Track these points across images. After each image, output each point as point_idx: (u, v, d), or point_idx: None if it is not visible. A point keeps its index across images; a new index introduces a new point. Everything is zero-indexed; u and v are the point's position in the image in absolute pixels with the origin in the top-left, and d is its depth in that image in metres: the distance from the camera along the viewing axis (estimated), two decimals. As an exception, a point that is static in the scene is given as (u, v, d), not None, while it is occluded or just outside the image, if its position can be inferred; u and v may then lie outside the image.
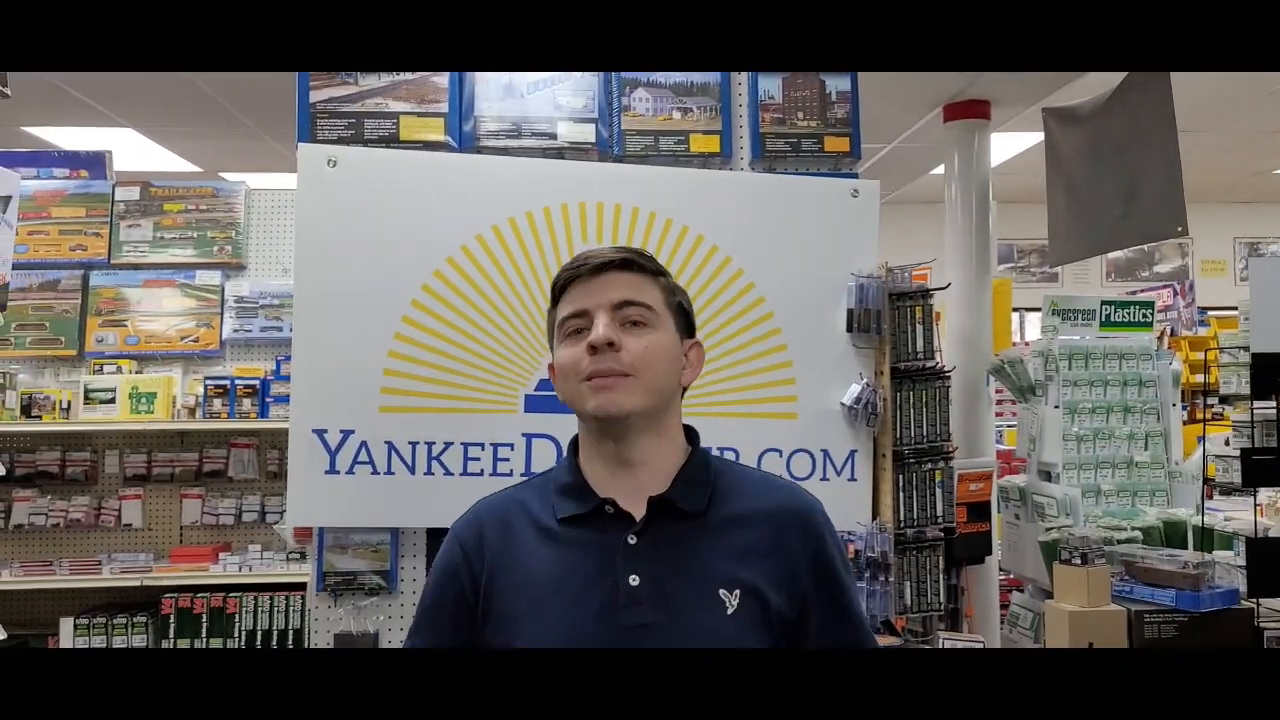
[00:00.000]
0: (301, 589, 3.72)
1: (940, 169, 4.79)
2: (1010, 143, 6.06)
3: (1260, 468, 2.34)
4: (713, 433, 2.22)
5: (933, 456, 2.39)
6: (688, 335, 1.32)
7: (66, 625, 3.86)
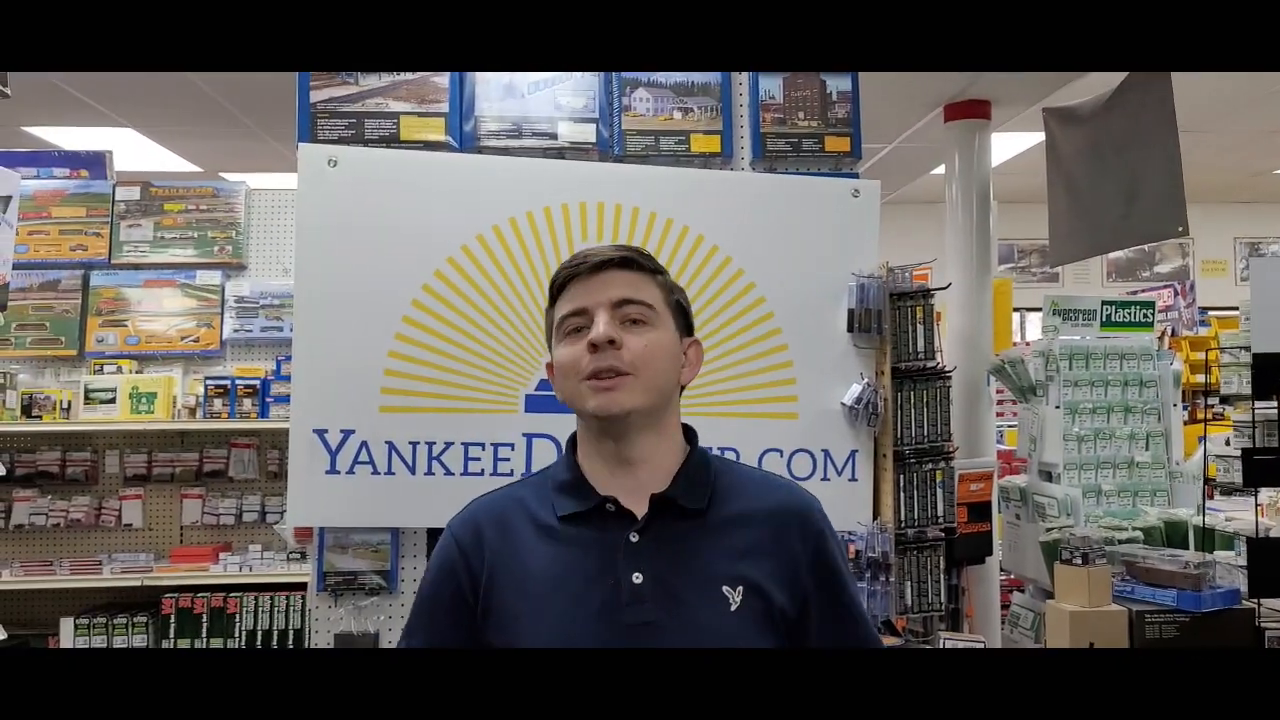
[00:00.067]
0: (302, 589, 3.72)
1: (941, 169, 4.80)
2: (1011, 143, 6.06)
3: (1261, 468, 2.34)
4: (713, 432, 2.23)
5: (933, 456, 2.39)
6: (686, 334, 1.32)
7: (67, 625, 3.86)
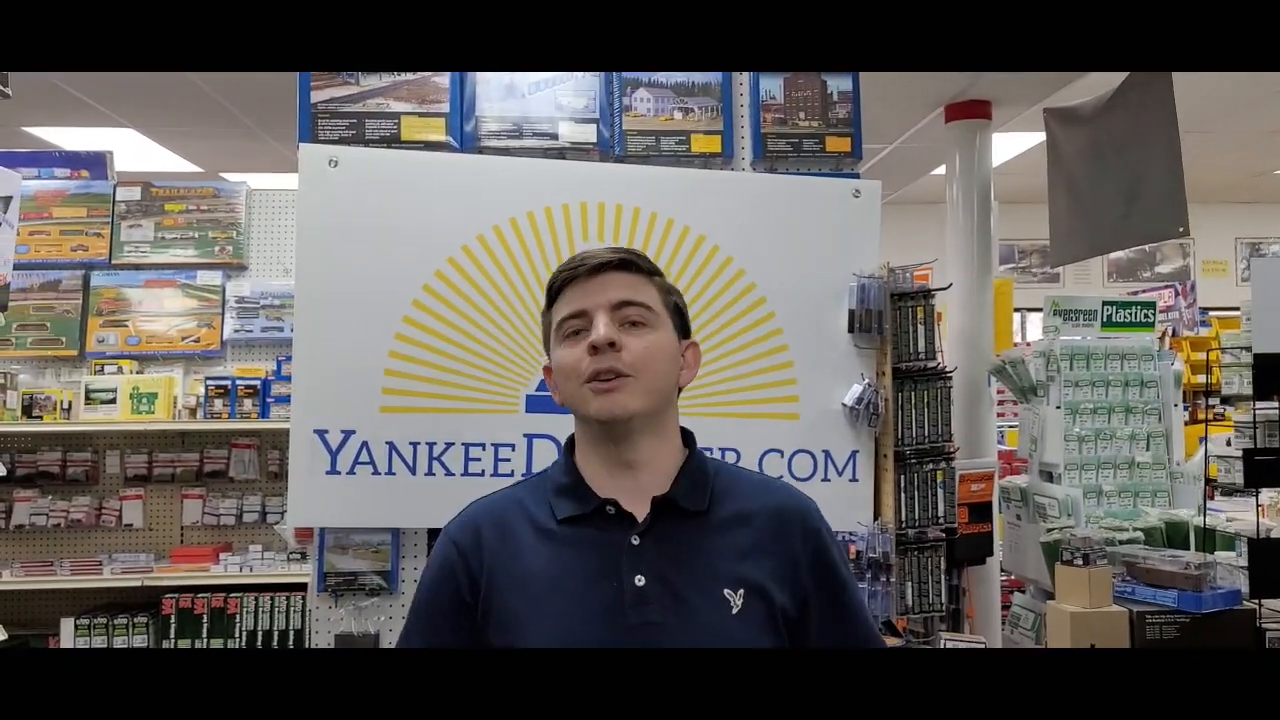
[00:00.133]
0: (302, 589, 3.72)
1: (941, 169, 4.80)
2: (1011, 143, 6.06)
3: (1262, 468, 2.34)
4: (714, 433, 2.24)
5: (934, 457, 2.39)
6: (684, 335, 1.32)
7: (67, 625, 3.86)
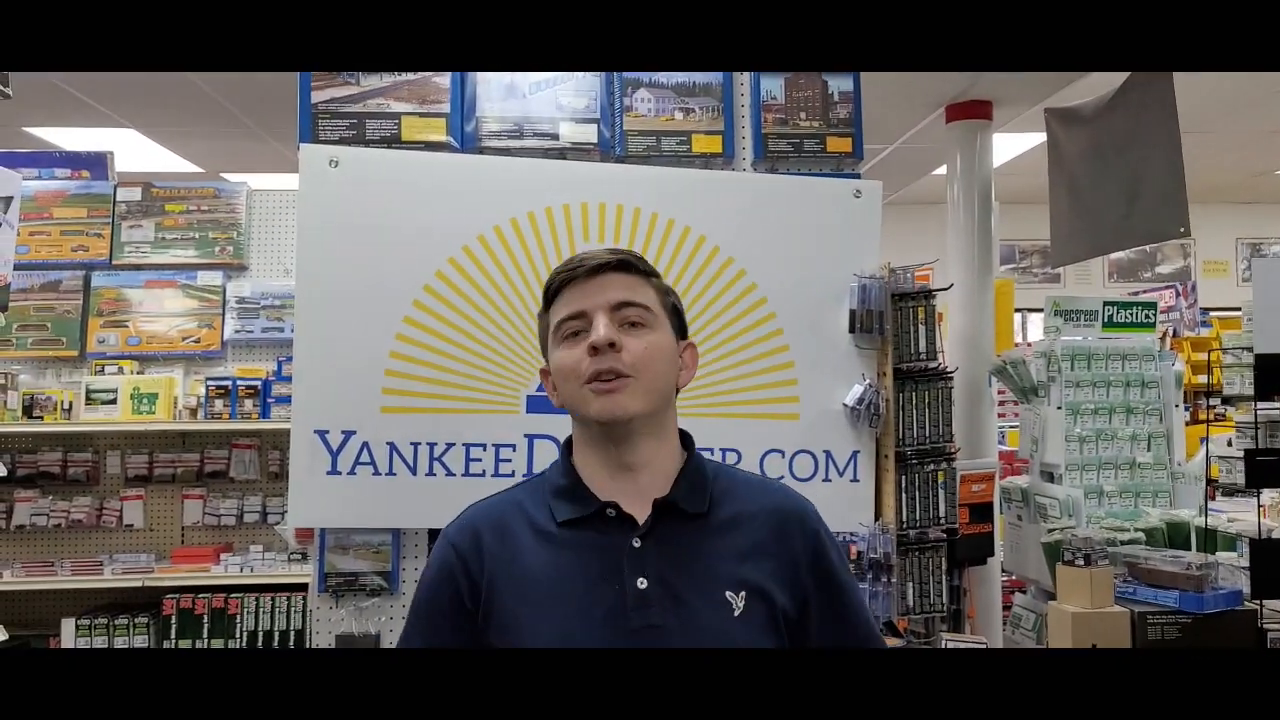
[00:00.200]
0: (303, 590, 3.72)
1: (942, 169, 4.79)
2: (1012, 143, 6.06)
3: (1264, 469, 2.33)
4: (715, 434, 2.24)
5: (935, 457, 2.39)
6: (682, 336, 1.32)
7: (68, 626, 3.86)
